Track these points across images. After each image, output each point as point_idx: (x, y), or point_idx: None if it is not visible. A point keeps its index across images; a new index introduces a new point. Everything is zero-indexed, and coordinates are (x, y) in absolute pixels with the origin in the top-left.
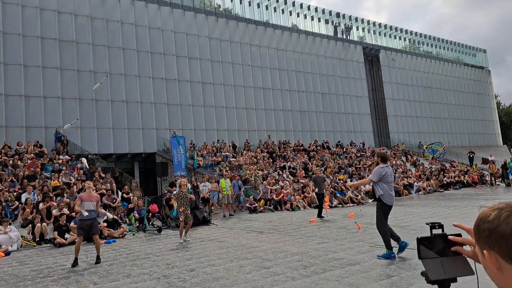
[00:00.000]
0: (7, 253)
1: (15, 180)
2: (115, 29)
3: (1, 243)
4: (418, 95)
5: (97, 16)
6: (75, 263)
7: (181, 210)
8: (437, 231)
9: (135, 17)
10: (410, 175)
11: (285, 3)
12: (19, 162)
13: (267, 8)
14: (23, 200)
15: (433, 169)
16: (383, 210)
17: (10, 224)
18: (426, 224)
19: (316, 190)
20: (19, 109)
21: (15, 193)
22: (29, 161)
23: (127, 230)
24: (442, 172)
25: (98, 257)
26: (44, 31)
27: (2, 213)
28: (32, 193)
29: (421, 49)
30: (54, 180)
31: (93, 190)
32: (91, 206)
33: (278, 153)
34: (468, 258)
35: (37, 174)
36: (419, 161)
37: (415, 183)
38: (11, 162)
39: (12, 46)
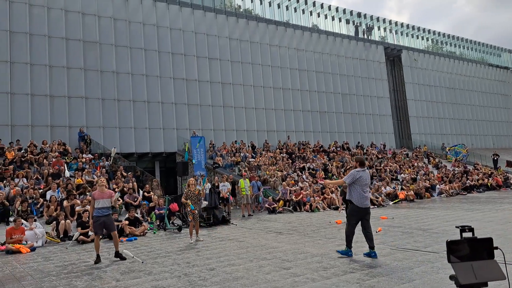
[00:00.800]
0: (33, 249)
1: (40, 178)
2: (137, 30)
3: (27, 239)
4: (441, 96)
5: (120, 18)
6: (97, 260)
7: (189, 209)
8: (467, 235)
9: (156, 18)
10: (432, 177)
11: (306, 3)
12: (44, 161)
13: (287, 9)
14: (48, 197)
15: (456, 172)
16: (352, 211)
17: (35, 220)
18: (456, 227)
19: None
20: (44, 108)
21: (40, 191)
22: (53, 160)
23: (148, 229)
24: (465, 175)
25: (117, 253)
26: (69, 32)
27: (28, 210)
28: (57, 190)
29: (444, 49)
30: (77, 178)
31: (105, 187)
32: (105, 203)
33: (298, 154)
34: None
35: (61, 172)
36: (442, 163)
37: (437, 186)
38: (36, 160)
39: (38, 47)
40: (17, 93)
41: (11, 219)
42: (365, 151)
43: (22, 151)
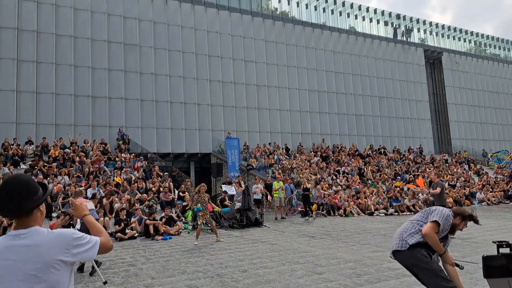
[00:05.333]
0: None
1: (81, 175)
2: (175, 33)
3: None
4: (483, 100)
5: (159, 21)
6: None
7: (200, 214)
8: (505, 250)
9: (194, 21)
10: (473, 184)
11: (343, 5)
12: (85, 159)
13: (324, 11)
14: (89, 195)
15: (498, 179)
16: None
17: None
18: (493, 242)
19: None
20: (86, 109)
21: (81, 188)
22: (94, 158)
23: (182, 228)
24: (509, 183)
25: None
26: (111, 35)
27: None
28: (97, 188)
29: (487, 52)
30: (116, 177)
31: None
32: (90, 206)
33: (332, 157)
34: None
35: (101, 170)
36: (483, 170)
37: (478, 193)
38: (78, 159)
39: (81, 50)
40: (62, 94)
41: (54, 214)
42: (402, 155)
43: (65, 149)
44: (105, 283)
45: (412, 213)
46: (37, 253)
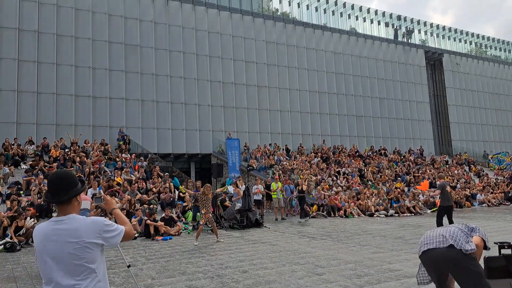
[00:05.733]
0: None
1: (82, 176)
2: (176, 34)
3: None
4: (484, 102)
5: (160, 21)
6: None
7: (203, 212)
8: (506, 251)
9: (195, 22)
10: (473, 186)
11: (344, 6)
12: (85, 159)
13: (325, 12)
14: (89, 195)
15: (498, 181)
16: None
17: None
18: (495, 243)
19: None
20: (87, 109)
21: None
22: (94, 158)
23: (183, 228)
24: (509, 184)
25: None
26: (112, 36)
27: None
28: (97, 188)
29: (488, 53)
30: (117, 177)
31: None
32: (85, 205)
33: (333, 158)
34: None
35: (101, 171)
36: (483, 171)
37: (478, 195)
38: (78, 159)
39: (82, 50)
40: (62, 94)
41: (54, 214)
42: (402, 156)
43: (65, 150)
44: (128, 266)
45: (413, 214)
46: (75, 236)
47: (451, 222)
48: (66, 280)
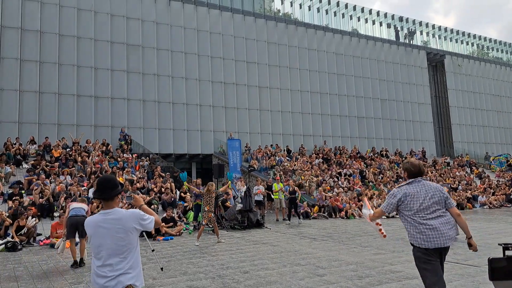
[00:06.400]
0: (75, 244)
1: (84, 175)
2: (178, 34)
3: None
4: (486, 103)
5: (162, 22)
6: (75, 265)
7: (206, 209)
8: (510, 253)
9: (197, 23)
10: (474, 188)
11: (346, 7)
12: (87, 159)
13: (326, 13)
14: (90, 195)
15: (500, 182)
16: (414, 255)
17: None
18: (499, 244)
19: None
20: (89, 109)
21: (83, 188)
22: (96, 158)
23: (184, 229)
24: (511, 186)
25: (81, 260)
26: (114, 36)
27: None
28: None
29: (490, 55)
30: (118, 177)
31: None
32: (81, 206)
33: (334, 160)
34: None
35: (103, 170)
36: (485, 173)
37: (480, 196)
38: (80, 159)
39: (84, 50)
40: (64, 94)
41: (56, 214)
42: (404, 158)
43: (67, 149)
44: (153, 250)
45: None
46: (120, 223)
47: None
48: (112, 257)
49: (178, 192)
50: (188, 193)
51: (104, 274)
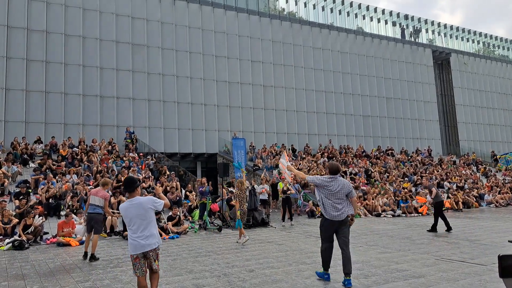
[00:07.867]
0: (82, 242)
1: (90, 174)
2: (182, 33)
3: (76, 232)
4: (492, 102)
5: (167, 21)
6: (86, 257)
7: (243, 208)
8: None
9: (201, 22)
10: (481, 186)
11: (351, 5)
12: (93, 158)
13: (331, 11)
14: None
15: (506, 181)
16: (321, 223)
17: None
18: (509, 241)
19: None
20: (94, 108)
21: (89, 187)
22: (102, 157)
23: (189, 227)
24: None
25: (92, 255)
26: (119, 36)
27: (77, 205)
28: None
29: (496, 53)
30: (124, 176)
31: (105, 188)
32: (96, 201)
33: (339, 158)
34: None
35: (109, 169)
36: (491, 171)
37: (486, 195)
38: (86, 158)
39: (90, 50)
40: (70, 93)
41: (62, 213)
42: (409, 157)
43: (73, 149)
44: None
45: (420, 214)
46: (141, 206)
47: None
48: (139, 229)
49: (183, 191)
50: (193, 192)
51: (137, 238)
